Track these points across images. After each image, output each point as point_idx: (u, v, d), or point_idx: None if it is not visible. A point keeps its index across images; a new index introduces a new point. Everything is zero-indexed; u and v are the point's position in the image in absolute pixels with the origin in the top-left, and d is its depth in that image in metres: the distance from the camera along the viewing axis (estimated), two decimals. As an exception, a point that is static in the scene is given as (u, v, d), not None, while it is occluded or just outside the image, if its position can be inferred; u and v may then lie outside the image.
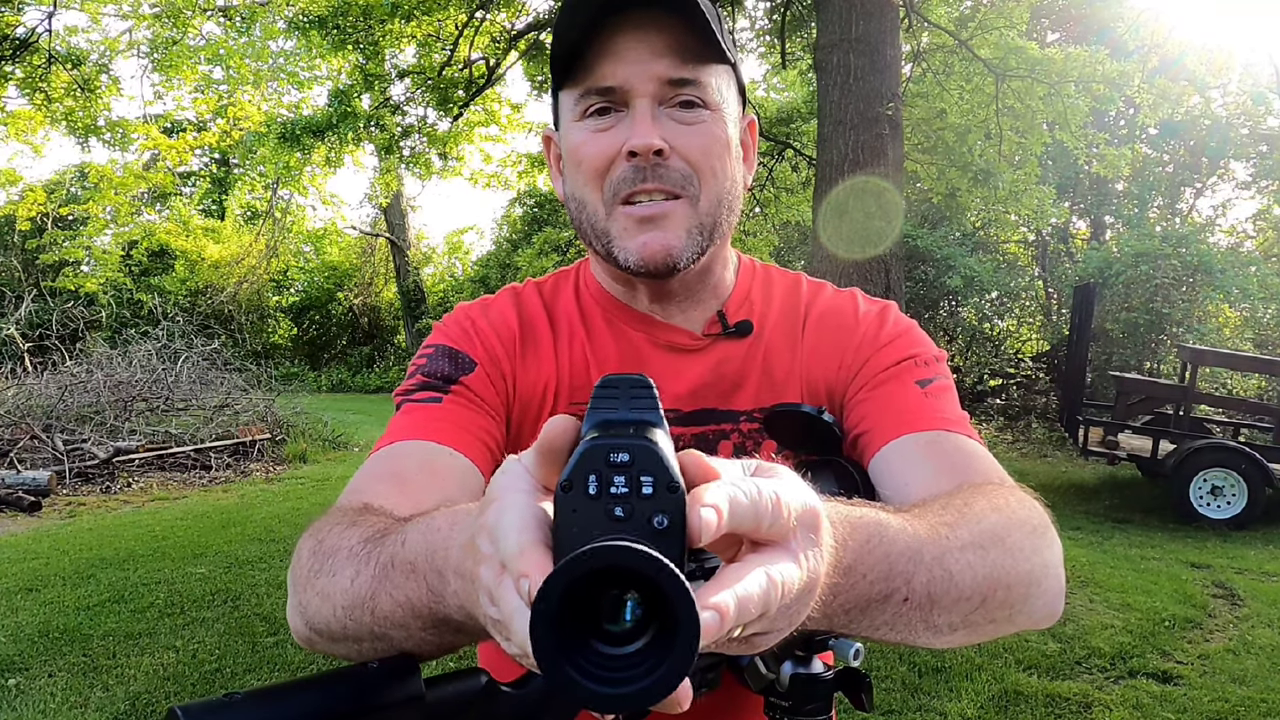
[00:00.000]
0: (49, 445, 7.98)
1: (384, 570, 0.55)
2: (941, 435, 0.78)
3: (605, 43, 0.77)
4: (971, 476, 0.72)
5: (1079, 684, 3.57)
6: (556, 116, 0.88)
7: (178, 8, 7.83)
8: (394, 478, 0.75)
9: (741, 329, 0.90)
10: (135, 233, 17.76)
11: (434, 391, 0.84)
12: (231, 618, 4.25)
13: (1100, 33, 10.83)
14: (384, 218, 21.51)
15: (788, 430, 0.82)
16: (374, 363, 20.57)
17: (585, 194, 0.82)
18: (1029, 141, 7.57)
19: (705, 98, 0.80)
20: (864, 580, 0.50)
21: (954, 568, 0.55)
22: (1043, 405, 11.87)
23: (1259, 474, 6.61)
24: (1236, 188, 15.63)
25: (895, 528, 0.52)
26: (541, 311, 0.93)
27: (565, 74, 0.81)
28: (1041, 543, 0.64)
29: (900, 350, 0.87)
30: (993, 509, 0.62)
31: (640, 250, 0.79)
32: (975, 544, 0.57)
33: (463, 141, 9.90)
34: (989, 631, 0.60)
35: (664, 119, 0.79)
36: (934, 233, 12.00)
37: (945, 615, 0.55)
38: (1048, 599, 0.65)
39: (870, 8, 4.74)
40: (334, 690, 0.47)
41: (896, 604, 0.52)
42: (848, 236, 4.57)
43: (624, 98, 0.78)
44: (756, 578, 0.39)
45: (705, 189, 0.80)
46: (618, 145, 0.78)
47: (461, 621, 0.50)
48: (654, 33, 0.77)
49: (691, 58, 0.78)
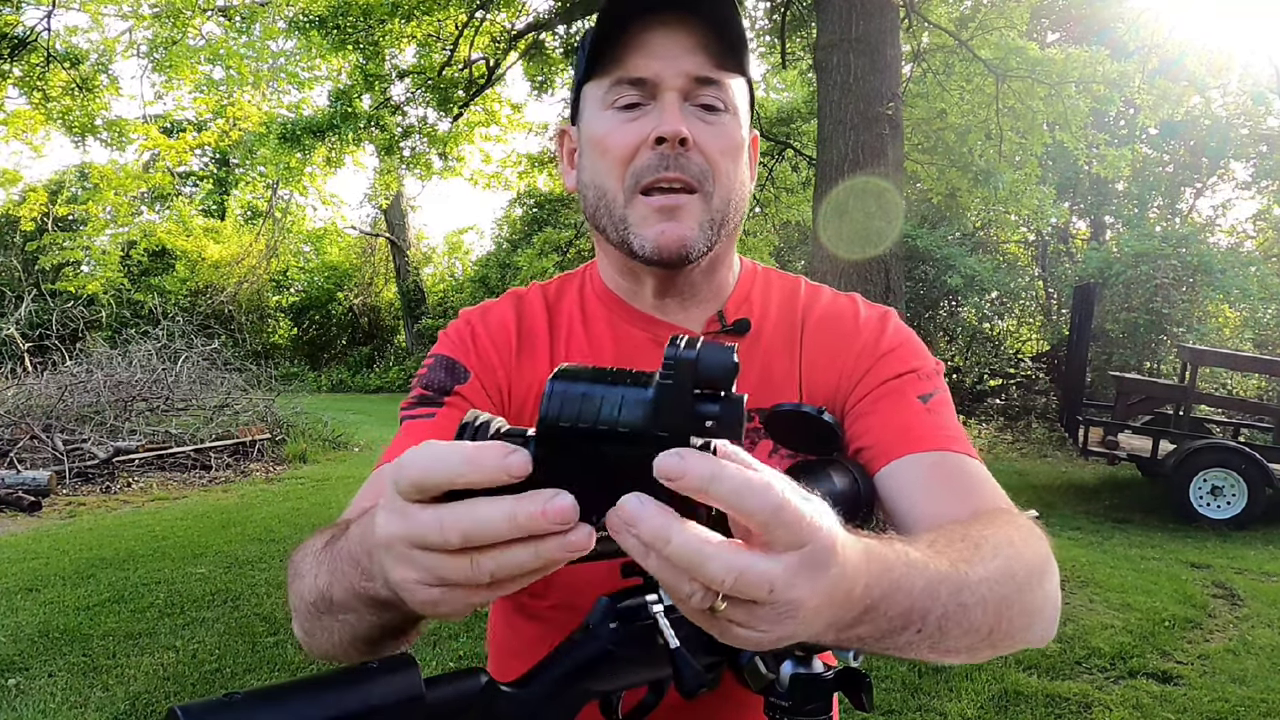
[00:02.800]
0: (49, 445, 7.98)
1: (334, 563, 0.59)
2: (945, 456, 0.80)
3: (638, 37, 0.81)
4: (978, 501, 0.75)
5: (1079, 684, 3.57)
6: (575, 110, 0.90)
7: (177, 8, 7.83)
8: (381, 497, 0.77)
9: (739, 327, 0.91)
10: (135, 233, 17.75)
11: (429, 406, 0.86)
12: (231, 618, 4.25)
13: (1100, 33, 10.84)
14: (384, 218, 21.51)
15: (788, 430, 0.82)
16: (374, 363, 20.57)
17: (606, 181, 0.84)
18: (1029, 142, 7.56)
19: (726, 101, 0.84)
20: (884, 617, 0.51)
21: (968, 602, 0.57)
22: (1043, 405, 11.87)
23: (1259, 474, 6.61)
24: (1236, 188, 15.65)
25: (919, 566, 0.54)
26: (543, 313, 0.94)
27: (596, 64, 0.83)
28: (1045, 574, 0.68)
29: (901, 362, 0.88)
30: (1006, 543, 0.65)
31: (657, 239, 0.82)
32: (989, 580, 0.59)
33: (463, 142, 9.89)
34: (988, 655, 0.63)
35: (688, 113, 0.82)
36: (934, 233, 12.00)
37: (953, 643, 0.57)
38: (1046, 625, 0.68)
39: (870, 8, 4.74)
40: (334, 690, 0.48)
41: (910, 635, 0.54)
42: (848, 236, 4.57)
43: (653, 90, 0.82)
44: (731, 548, 0.42)
45: (719, 186, 0.83)
46: (644, 133, 0.81)
47: (388, 597, 0.52)
48: (685, 33, 0.81)
49: (718, 61, 0.82)
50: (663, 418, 0.41)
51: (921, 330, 12.26)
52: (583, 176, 0.88)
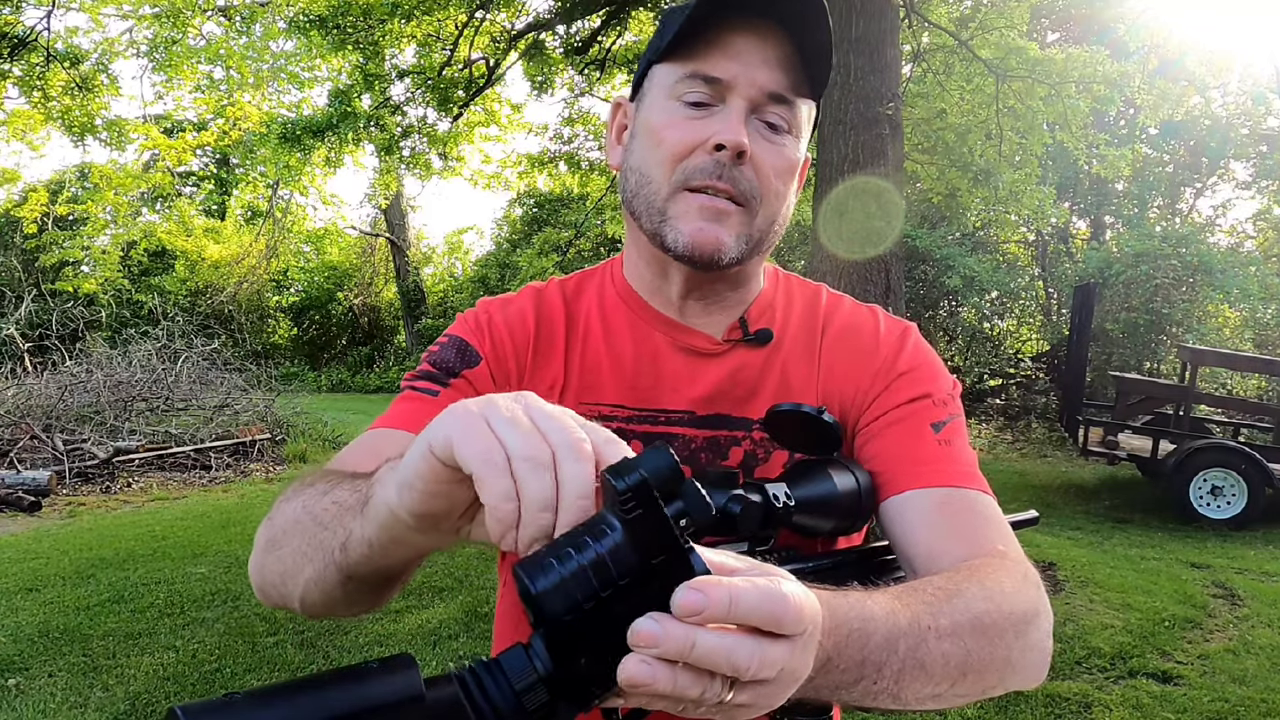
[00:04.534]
0: (49, 445, 7.98)
1: (331, 487, 0.63)
2: (953, 493, 0.79)
3: (725, 35, 0.80)
4: (979, 543, 0.75)
5: (1079, 684, 3.57)
6: (637, 87, 0.88)
7: (177, 8, 7.83)
8: (373, 457, 0.78)
9: (761, 337, 0.91)
10: (135, 233, 17.75)
11: (435, 383, 0.86)
12: (231, 618, 4.25)
13: (1100, 33, 10.83)
14: (384, 218, 21.51)
15: (788, 430, 0.82)
16: (374, 363, 20.57)
17: (654, 171, 0.83)
18: (1029, 142, 7.56)
19: (791, 122, 0.83)
20: (837, 670, 0.53)
21: (926, 659, 0.58)
22: (1043, 405, 11.87)
23: (1259, 474, 6.61)
24: (1236, 188, 15.63)
25: (876, 619, 0.55)
26: (561, 311, 0.93)
27: (674, 49, 0.82)
28: (1029, 624, 0.67)
29: (917, 385, 0.87)
30: (983, 596, 0.64)
31: (694, 234, 0.81)
32: (953, 633, 0.60)
33: (463, 142, 9.90)
34: (959, 704, 0.63)
35: (752, 126, 0.81)
36: (934, 233, 11.99)
37: (913, 693, 0.58)
38: (1027, 673, 0.67)
39: (870, 8, 4.74)
40: (333, 690, 0.47)
41: (867, 685, 0.55)
42: (848, 236, 4.57)
43: (723, 92, 0.80)
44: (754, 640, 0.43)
45: (765, 205, 0.83)
46: (704, 136, 0.80)
47: (376, 511, 0.55)
48: (772, 44, 0.80)
49: (796, 82, 0.81)
50: (649, 546, 0.41)
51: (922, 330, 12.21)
52: (630, 159, 0.87)
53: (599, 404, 0.89)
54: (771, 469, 0.87)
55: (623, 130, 0.91)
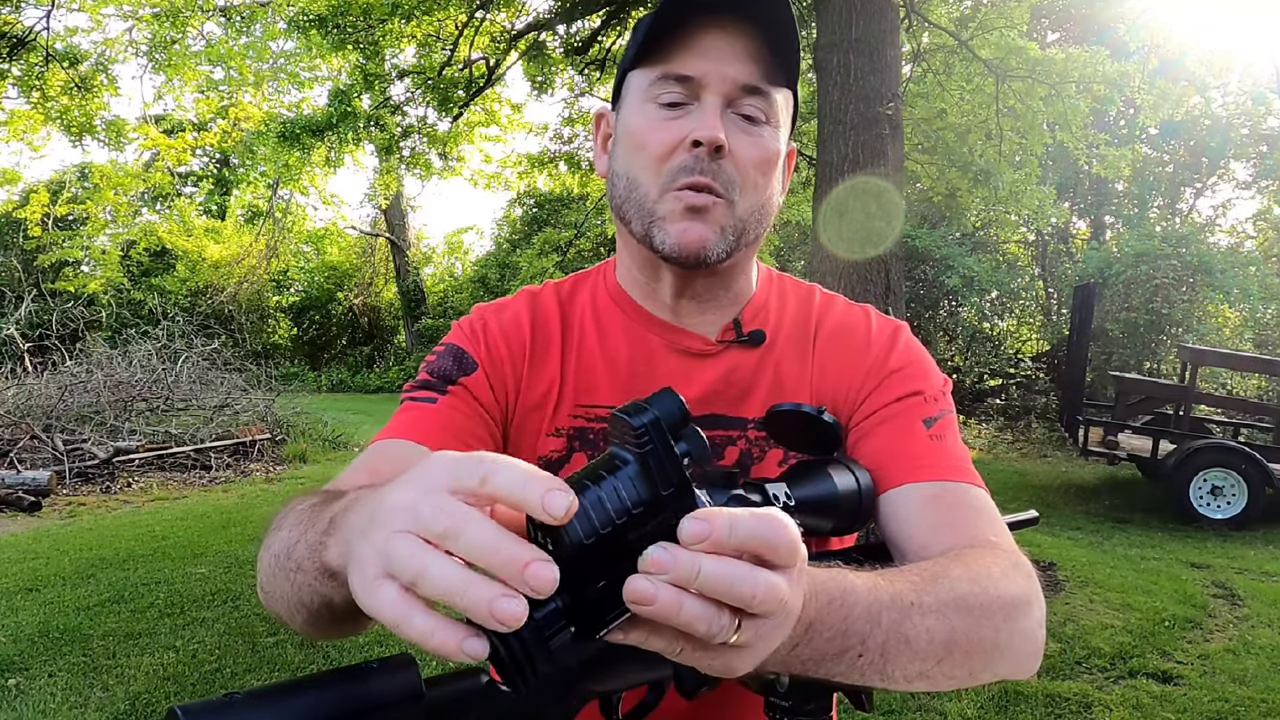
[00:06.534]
0: (49, 445, 7.98)
1: (311, 523, 0.59)
2: (946, 487, 0.80)
3: (692, 34, 0.81)
4: (971, 535, 0.75)
5: (1079, 684, 3.57)
6: (616, 96, 0.90)
7: (177, 8, 7.83)
8: (370, 473, 0.78)
9: (754, 338, 0.91)
10: (135, 233, 17.75)
11: (432, 391, 0.87)
12: (231, 618, 4.26)
13: (1101, 33, 10.83)
14: (384, 218, 21.51)
15: (788, 430, 0.82)
16: (374, 363, 20.58)
17: (640, 175, 0.84)
18: (1029, 142, 7.56)
19: (768, 112, 0.83)
20: (821, 638, 0.53)
21: (911, 633, 0.58)
22: (1043, 405, 11.87)
23: (1259, 474, 6.61)
24: (1236, 188, 15.66)
25: (858, 590, 0.56)
26: (556, 314, 0.94)
27: (645, 54, 0.83)
28: (1018, 610, 0.67)
29: (908, 383, 0.88)
30: (969, 578, 0.64)
31: (680, 236, 0.82)
32: (938, 610, 0.60)
33: (463, 142, 9.91)
34: (949, 686, 0.63)
35: (728, 120, 0.82)
36: (934, 233, 11.99)
37: (900, 670, 0.58)
38: (1017, 661, 0.67)
39: (870, 8, 4.74)
40: (333, 690, 0.48)
41: (851, 658, 0.55)
42: (848, 236, 4.57)
43: (696, 90, 0.81)
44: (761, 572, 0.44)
45: (745, 197, 0.83)
46: (683, 134, 0.81)
47: (336, 569, 0.52)
48: (739, 39, 0.81)
49: (767, 72, 0.82)
50: (659, 479, 0.45)
51: (922, 330, 12.27)
52: (615, 165, 0.88)
53: (595, 406, 0.89)
54: (767, 468, 0.88)
55: (607, 139, 0.92)
